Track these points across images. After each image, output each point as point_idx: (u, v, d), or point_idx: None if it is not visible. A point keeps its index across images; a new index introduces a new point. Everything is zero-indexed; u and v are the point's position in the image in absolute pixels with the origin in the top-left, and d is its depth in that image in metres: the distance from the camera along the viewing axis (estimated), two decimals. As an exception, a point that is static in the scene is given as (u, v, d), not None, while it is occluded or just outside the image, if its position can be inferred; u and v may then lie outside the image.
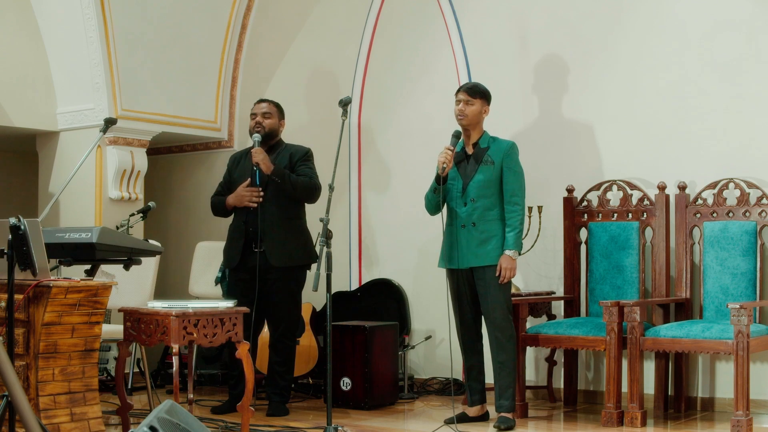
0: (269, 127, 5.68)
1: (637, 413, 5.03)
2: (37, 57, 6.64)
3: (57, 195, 5.64)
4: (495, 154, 5.19)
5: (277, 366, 5.67)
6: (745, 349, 4.75)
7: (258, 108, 5.74)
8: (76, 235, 4.34)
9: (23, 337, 4.01)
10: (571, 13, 6.06)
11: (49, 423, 3.95)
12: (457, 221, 5.20)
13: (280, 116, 5.77)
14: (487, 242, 5.13)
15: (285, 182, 5.51)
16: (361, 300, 6.65)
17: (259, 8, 7.29)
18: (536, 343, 5.43)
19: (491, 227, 5.14)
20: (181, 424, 3.63)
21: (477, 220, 5.14)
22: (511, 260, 5.09)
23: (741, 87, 5.52)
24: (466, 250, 5.15)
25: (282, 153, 5.69)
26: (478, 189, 5.15)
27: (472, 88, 5.28)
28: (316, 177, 5.67)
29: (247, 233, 5.59)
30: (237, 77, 7.35)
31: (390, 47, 6.77)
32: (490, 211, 5.15)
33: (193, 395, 4.92)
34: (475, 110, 5.21)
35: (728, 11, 5.57)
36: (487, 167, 5.17)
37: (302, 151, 5.72)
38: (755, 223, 5.33)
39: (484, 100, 5.25)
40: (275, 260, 5.52)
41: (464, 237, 5.16)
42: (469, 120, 5.20)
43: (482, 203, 5.15)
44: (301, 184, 5.57)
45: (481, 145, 5.23)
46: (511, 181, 5.17)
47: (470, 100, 5.21)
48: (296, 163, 5.65)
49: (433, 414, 5.56)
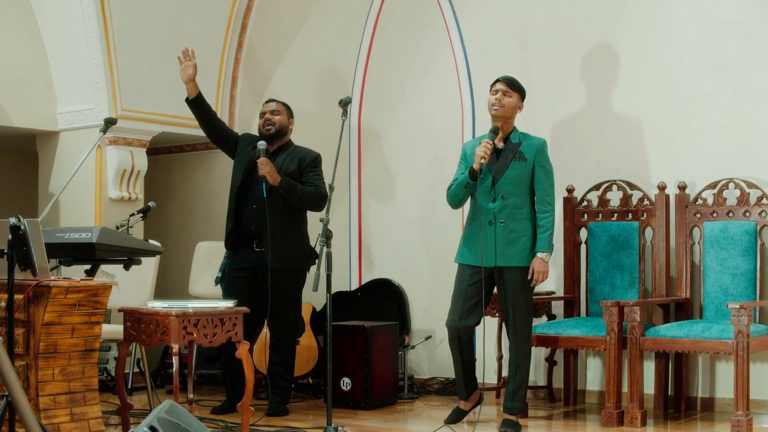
0: (279, 124, 5.67)
1: (637, 413, 5.03)
2: (37, 57, 6.64)
3: (57, 195, 5.64)
4: (527, 151, 5.04)
5: (277, 366, 5.67)
6: (745, 349, 4.75)
7: (266, 107, 5.74)
8: (76, 235, 4.34)
9: (23, 337, 4.01)
10: (571, 13, 6.06)
11: (49, 423, 3.95)
12: (483, 217, 5.02)
13: (289, 114, 5.76)
14: (516, 242, 4.99)
15: (292, 195, 5.50)
16: (361, 300, 6.65)
17: (259, 8, 7.29)
18: (536, 343, 5.42)
19: (520, 226, 5.00)
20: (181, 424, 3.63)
21: (506, 218, 4.99)
22: (544, 263, 4.96)
23: (741, 87, 5.52)
24: (493, 248, 4.99)
25: (291, 156, 5.66)
26: (509, 186, 5.00)
27: (512, 80, 5.12)
28: (323, 185, 5.62)
29: (248, 229, 5.59)
30: (237, 77, 7.35)
31: (390, 47, 6.77)
32: (520, 210, 5.01)
33: (193, 395, 4.92)
34: (511, 102, 5.05)
35: (728, 11, 5.57)
36: (519, 164, 5.02)
37: (311, 156, 5.69)
38: (755, 223, 5.33)
39: (520, 95, 5.11)
40: (276, 263, 5.51)
41: (492, 235, 5.00)
42: (505, 111, 5.03)
43: (513, 201, 5.00)
44: (308, 195, 5.56)
45: (512, 140, 5.07)
46: (543, 180, 5.03)
47: (508, 91, 5.06)
48: (305, 169, 5.64)
49: (433, 414, 5.56)
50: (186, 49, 5.64)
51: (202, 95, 5.69)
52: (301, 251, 5.66)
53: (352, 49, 6.88)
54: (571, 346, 5.36)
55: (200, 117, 5.74)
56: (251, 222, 5.57)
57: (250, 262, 5.60)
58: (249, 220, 5.58)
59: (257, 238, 5.57)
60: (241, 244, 5.65)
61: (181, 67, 5.63)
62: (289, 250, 5.58)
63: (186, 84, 5.63)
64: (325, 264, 4.58)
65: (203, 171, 7.48)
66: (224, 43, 7.22)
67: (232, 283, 5.67)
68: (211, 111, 5.77)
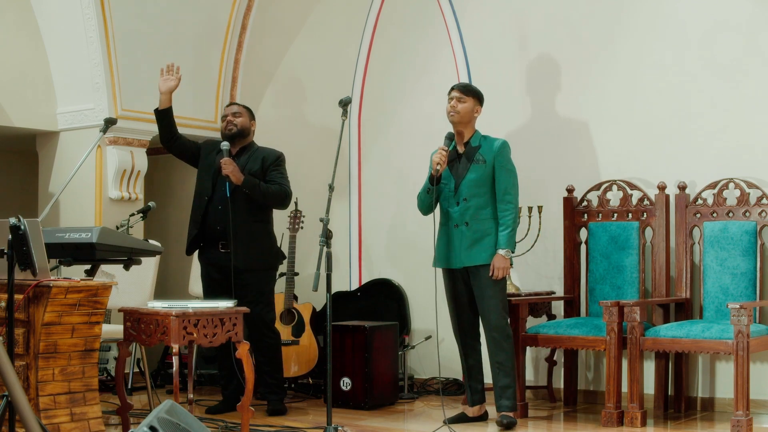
0: (241, 125, 5.70)
1: (637, 413, 5.03)
2: (37, 57, 6.64)
3: (57, 195, 5.64)
4: (487, 153, 5.17)
5: (264, 366, 5.66)
6: (745, 349, 4.75)
7: (228, 110, 5.80)
8: (76, 235, 4.34)
9: (23, 337, 4.01)
10: (571, 13, 6.06)
11: (49, 423, 3.95)
12: (450, 221, 5.19)
13: (250, 117, 5.81)
14: (480, 241, 5.12)
15: (255, 193, 5.53)
16: (361, 300, 6.65)
17: (259, 8, 7.29)
18: (536, 343, 5.43)
19: (484, 226, 5.13)
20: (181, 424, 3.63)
21: (470, 219, 5.13)
22: (504, 259, 5.07)
23: (741, 87, 5.52)
24: (459, 250, 5.14)
25: (254, 156, 5.69)
26: (470, 188, 5.14)
27: (465, 86, 5.29)
28: (287, 183, 5.69)
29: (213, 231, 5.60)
30: (237, 77, 7.34)
31: (390, 47, 6.77)
32: (482, 210, 5.13)
33: (193, 395, 4.92)
34: (467, 108, 5.19)
35: (728, 11, 5.57)
36: (479, 166, 5.15)
37: (274, 155, 5.73)
38: (755, 223, 5.33)
39: (476, 100, 5.23)
40: (241, 263, 5.53)
41: (457, 237, 5.15)
42: (461, 117, 5.18)
43: (475, 202, 5.13)
44: (272, 193, 5.59)
45: (472, 144, 5.21)
46: (504, 180, 5.15)
47: (462, 97, 5.20)
48: (268, 168, 5.67)
49: (433, 414, 5.56)
50: (172, 64, 5.64)
51: (171, 109, 5.68)
52: (266, 250, 5.69)
53: (352, 49, 6.88)
54: (571, 346, 5.36)
55: (165, 130, 5.72)
56: (216, 223, 5.59)
57: (219, 263, 5.61)
58: (214, 222, 5.60)
59: (223, 239, 5.58)
60: (207, 247, 5.67)
61: (162, 78, 5.63)
62: (254, 249, 5.60)
63: (162, 94, 5.63)
64: (325, 264, 4.58)
65: (203, 171, 7.47)
66: (224, 43, 7.22)
67: (209, 286, 5.71)
68: (175, 126, 5.76)
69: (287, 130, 7.07)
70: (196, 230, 5.66)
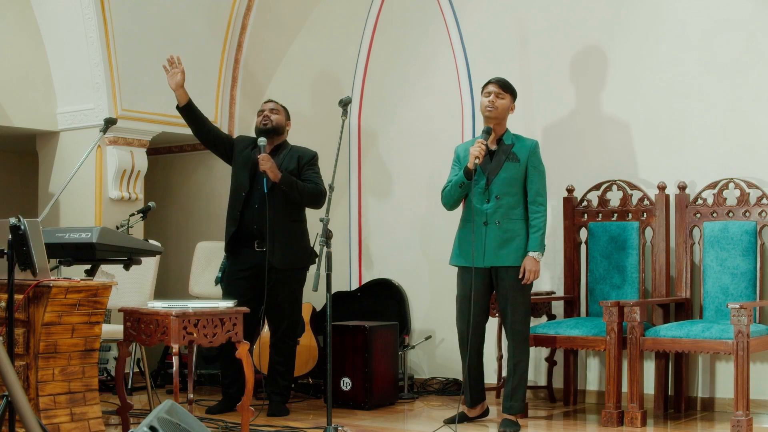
0: (276, 122, 5.68)
1: (637, 413, 5.03)
2: (37, 57, 6.64)
3: (57, 195, 5.63)
4: (520, 152, 5.08)
5: (278, 366, 5.67)
6: (745, 349, 4.75)
7: (266, 105, 5.77)
8: (76, 235, 4.34)
9: (23, 337, 4.01)
10: (571, 13, 6.06)
11: (49, 423, 3.95)
12: (478, 218, 5.06)
13: (287, 116, 5.79)
14: (510, 242, 5.04)
15: (293, 191, 5.51)
16: (361, 300, 6.65)
17: (259, 8, 7.29)
18: (536, 343, 5.42)
19: (515, 226, 5.05)
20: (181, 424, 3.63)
21: (501, 218, 5.04)
22: (535, 262, 5.01)
23: (741, 87, 5.52)
24: (488, 248, 5.03)
25: (289, 155, 5.67)
26: (503, 186, 5.04)
27: (504, 81, 5.15)
28: (322, 183, 5.65)
29: (249, 230, 5.58)
30: (237, 77, 7.35)
31: (390, 47, 6.77)
32: (513, 210, 5.06)
33: (193, 395, 4.92)
34: (504, 105, 5.10)
35: (728, 11, 5.57)
36: (512, 164, 5.06)
37: (310, 154, 5.71)
38: (755, 223, 5.33)
39: (512, 97, 5.15)
40: (278, 262, 5.51)
41: (487, 235, 5.04)
42: (498, 113, 5.08)
43: (507, 201, 5.04)
44: (308, 192, 5.57)
45: (505, 142, 5.12)
46: (536, 181, 5.08)
47: (501, 93, 5.09)
48: (303, 167, 5.64)
49: (433, 414, 5.56)
50: (171, 56, 5.61)
51: (192, 101, 5.66)
52: (302, 250, 5.67)
53: (352, 49, 6.88)
54: (571, 346, 5.36)
55: (193, 123, 5.70)
56: (253, 222, 5.57)
57: (252, 262, 5.59)
58: (251, 221, 5.58)
59: (259, 238, 5.57)
60: (242, 245, 5.64)
61: (168, 75, 5.60)
62: (291, 249, 5.58)
63: (175, 91, 5.59)
64: (325, 264, 4.58)
65: (203, 171, 7.48)
66: (224, 43, 7.22)
67: (232, 284, 5.66)
68: (202, 116, 5.73)
69: (287, 130, 7.06)
70: (234, 227, 5.61)
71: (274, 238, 5.49)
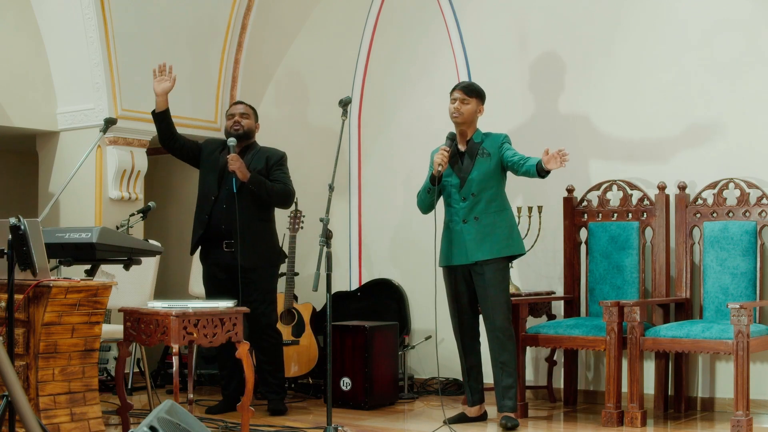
0: (247, 127, 5.72)
1: (637, 413, 5.03)
2: (37, 57, 6.64)
3: (57, 195, 5.64)
4: (490, 146, 5.16)
5: (265, 365, 5.66)
6: (745, 349, 4.75)
7: (235, 108, 5.79)
8: (76, 235, 4.34)
9: (23, 337, 4.01)
10: (571, 13, 6.06)
11: (49, 423, 3.95)
12: (455, 218, 5.16)
13: (255, 118, 5.83)
14: (491, 235, 5.09)
15: (261, 190, 5.53)
16: (361, 300, 6.65)
17: (259, 8, 7.29)
18: (536, 343, 5.43)
19: (494, 219, 5.11)
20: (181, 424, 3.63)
21: (480, 213, 5.11)
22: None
23: (741, 87, 5.52)
24: (469, 245, 5.10)
25: (257, 155, 5.70)
26: (479, 183, 5.11)
27: (468, 86, 5.26)
28: (290, 183, 5.70)
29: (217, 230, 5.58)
30: (237, 77, 7.34)
31: (390, 47, 6.77)
32: (492, 203, 5.12)
33: (193, 395, 4.92)
34: (470, 109, 5.19)
35: (728, 11, 5.57)
36: (484, 160, 5.14)
37: (278, 155, 5.74)
38: (755, 223, 5.33)
39: (479, 100, 5.23)
40: (247, 262, 5.52)
41: (466, 232, 5.11)
42: (464, 119, 5.18)
43: (485, 196, 5.11)
44: (277, 192, 5.59)
45: (474, 140, 5.20)
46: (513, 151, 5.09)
47: (466, 99, 5.18)
48: (272, 167, 5.67)
49: (433, 414, 5.56)
50: (164, 64, 5.61)
51: (169, 111, 5.65)
52: (271, 249, 5.70)
53: (352, 49, 6.88)
54: (571, 346, 5.36)
55: (164, 132, 5.68)
56: (221, 222, 5.58)
57: (223, 263, 5.61)
58: (218, 221, 5.59)
59: (227, 238, 5.57)
60: (210, 246, 5.66)
61: (155, 79, 5.58)
62: (259, 248, 5.61)
63: (158, 96, 5.58)
64: (325, 264, 4.58)
65: (203, 171, 7.47)
66: (224, 43, 7.22)
67: (213, 286, 5.69)
68: (173, 127, 5.72)
69: (287, 130, 7.06)
70: (202, 230, 5.64)
71: (243, 237, 5.50)
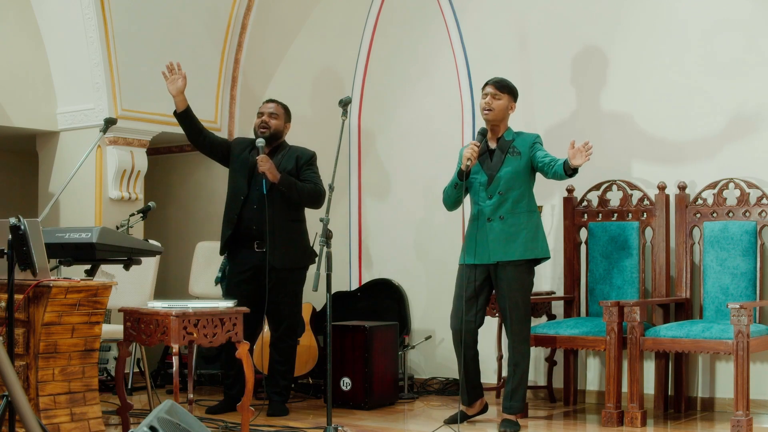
0: (274, 128, 5.66)
1: (637, 413, 5.03)
2: (37, 57, 6.64)
3: (57, 195, 5.64)
4: (521, 146, 5.06)
5: (278, 365, 5.67)
6: (745, 349, 4.75)
7: (265, 107, 5.72)
8: (76, 235, 4.34)
9: (23, 337, 4.01)
10: (571, 13, 6.06)
11: (49, 423, 3.95)
12: (481, 216, 5.06)
13: (286, 118, 5.75)
14: (516, 236, 5.01)
15: (291, 191, 5.51)
16: (361, 300, 6.65)
17: (259, 8, 7.29)
18: (536, 343, 5.42)
19: (520, 220, 5.02)
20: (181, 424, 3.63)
21: (506, 213, 5.01)
22: None
23: (741, 87, 5.52)
24: (493, 244, 5.01)
25: (287, 155, 5.66)
26: (507, 181, 5.02)
27: (500, 82, 5.12)
28: (321, 183, 5.64)
29: (248, 230, 5.57)
30: (237, 77, 7.35)
31: (390, 47, 6.77)
32: (519, 204, 5.03)
33: (193, 395, 4.92)
34: (501, 105, 5.07)
35: (728, 11, 5.57)
36: (514, 158, 5.03)
37: (308, 155, 5.70)
38: (755, 223, 5.33)
39: (511, 96, 5.12)
40: (278, 262, 5.51)
41: (491, 231, 5.02)
42: (495, 115, 5.06)
43: (512, 195, 5.02)
44: (307, 192, 5.56)
45: (505, 138, 5.10)
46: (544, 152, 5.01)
47: (498, 94, 5.07)
48: (302, 167, 5.64)
49: (433, 414, 5.56)
50: (171, 63, 5.59)
51: (190, 108, 5.63)
52: (302, 249, 5.67)
53: (352, 49, 6.88)
54: (571, 346, 5.36)
55: (189, 130, 5.68)
56: (252, 223, 5.56)
57: (252, 263, 5.59)
58: (249, 221, 5.57)
59: (258, 239, 5.56)
60: (240, 246, 5.64)
61: (168, 80, 5.55)
62: (290, 249, 5.58)
63: (175, 97, 5.56)
64: (325, 264, 4.58)
65: (203, 171, 7.47)
66: (224, 43, 7.22)
67: (233, 286, 5.64)
68: (199, 123, 5.71)
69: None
70: (231, 230, 5.60)
71: (273, 238, 5.49)
